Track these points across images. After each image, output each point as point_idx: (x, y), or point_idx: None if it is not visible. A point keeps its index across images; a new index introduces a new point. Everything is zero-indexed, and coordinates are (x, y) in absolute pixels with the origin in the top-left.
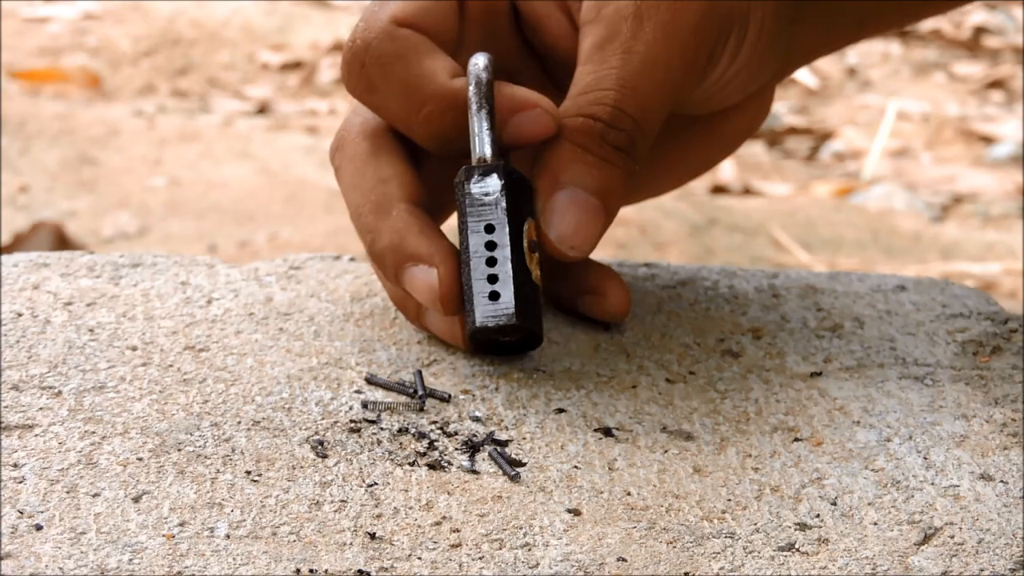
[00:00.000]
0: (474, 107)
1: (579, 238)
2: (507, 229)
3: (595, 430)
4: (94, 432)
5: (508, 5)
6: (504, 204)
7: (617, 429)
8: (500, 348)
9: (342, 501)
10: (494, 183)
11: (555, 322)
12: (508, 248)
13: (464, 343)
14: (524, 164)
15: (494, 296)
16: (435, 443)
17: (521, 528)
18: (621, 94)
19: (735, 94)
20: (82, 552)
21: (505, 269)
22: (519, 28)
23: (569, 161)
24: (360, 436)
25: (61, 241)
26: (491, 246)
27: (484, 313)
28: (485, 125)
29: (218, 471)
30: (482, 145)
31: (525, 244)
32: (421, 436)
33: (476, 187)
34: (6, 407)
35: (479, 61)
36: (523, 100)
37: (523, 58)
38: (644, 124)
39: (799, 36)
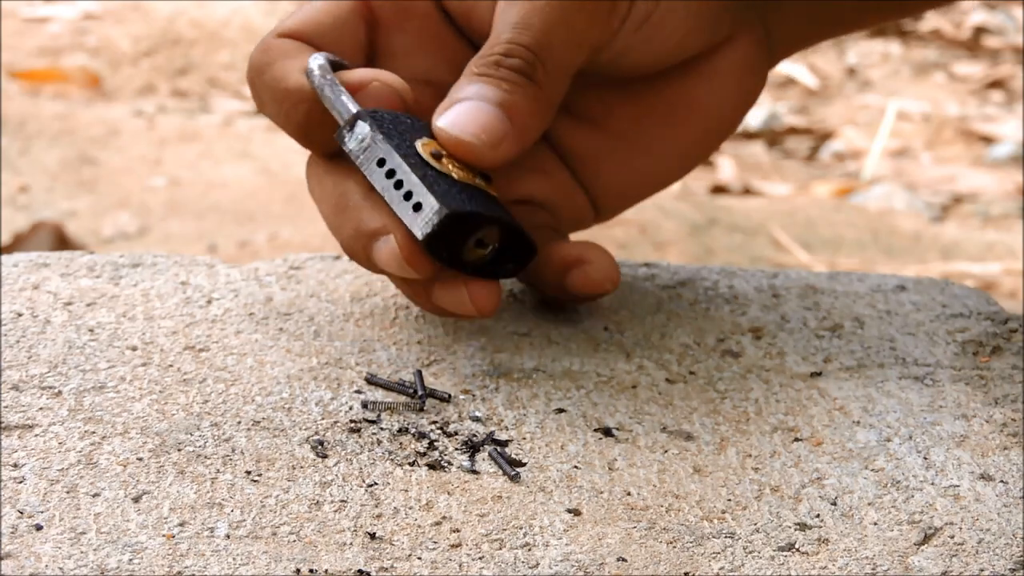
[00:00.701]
0: (319, 88)
1: (476, 128)
2: (397, 152)
3: (595, 430)
4: (94, 432)
5: (433, 6)
6: (380, 136)
7: (617, 429)
8: (496, 269)
9: (342, 501)
10: (362, 128)
11: (555, 322)
12: (405, 164)
13: (476, 307)
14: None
15: (417, 207)
16: (435, 443)
17: (521, 528)
18: (515, 31)
19: (669, 48)
20: (82, 552)
21: (411, 179)
22: (459, 29)
23: (465, 84)
24: (360, 436)
25: (61, 241)
26: (391, 174)
27: (416, 224)
28: (335, 94)
29: (218, 471)
30: (342, 109)
31: (427, 157)
32: (421, 436)
33: (351, 141)
34: (6, 407)
35: (314, 56)
36: (359, 78)
37: (468, 58)
38: (542, 54)
39: (780, 23)
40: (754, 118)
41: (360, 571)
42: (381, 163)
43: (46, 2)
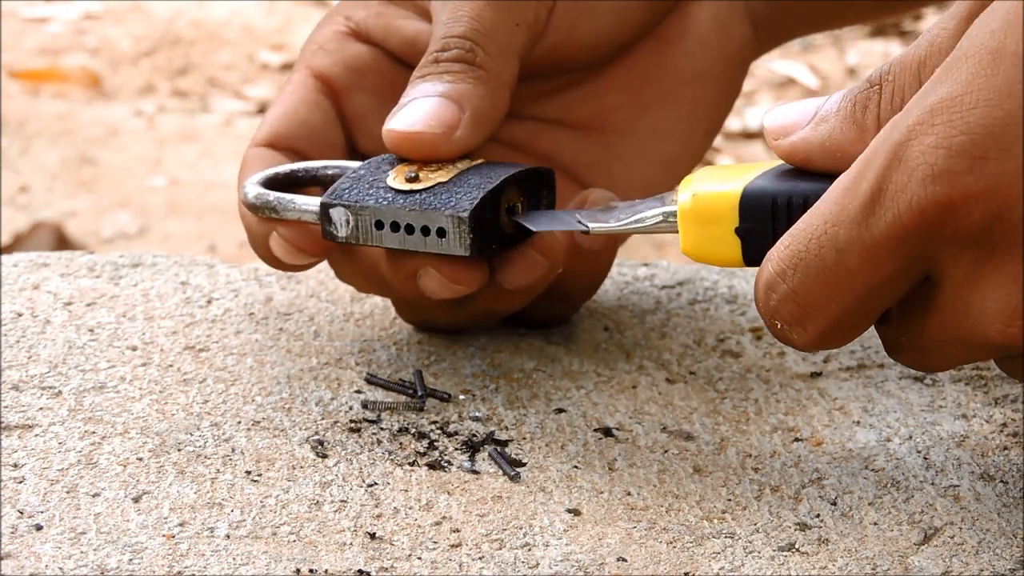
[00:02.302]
0: (265, 213)
1: (424, 118)
2: (382, 205)
3: (595, 430)
4: (94, 432)
5: (382, 55)
6: (358, 204)
7: (617, 429)
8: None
9: (342, 501)
10: (338, 213)
11: None
12: (398, 208)
13: (551, 260)
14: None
15: (441, 233)
16: (435, 443)
17: (521, 528)
18: (446, 27)
19: (615, 13)
20: (82, 552)
21: (414, 215)
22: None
23: (409, 89)
24: (360, 436)
25: (61, 241)
26: (395, 227)
27: (454, 246)
28: (283, 205)
29: (218, 471)
30: (296, 214)
31: (408, 186)
32: (421, 436)
33: (340, 231)
34: (6, 407)
35: (244, 187)
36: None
37: None
38: (479, 39)
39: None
40: (754, 118)
41: (360, 571)
42: (380, 225)
43: (46, 2)
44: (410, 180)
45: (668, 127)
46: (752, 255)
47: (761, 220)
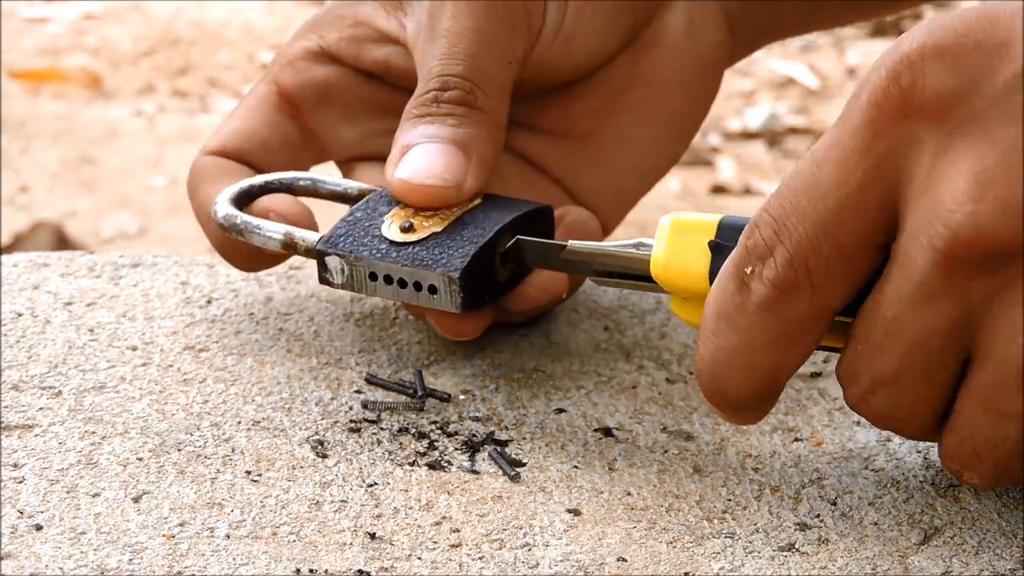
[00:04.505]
0: (232, 234)
1: (439, 169)
2: (377, 258)
3: (595, 430)
4: (94, 432)
5: (349, 71)
6: (352, 256)
7: (617, 429)
8: (495, 289)
9: (342, 501)
10: (333, 261)
11: (555, 322)
12: (392, 263)
13: (551, 295)
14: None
15: (432, 290)
16: (435, 443)
17: (521, 528)
18: (443, 64)
19: (596, 36)
20: (82, 552)
21: (407, 271)
22: (382, 80)
23: (409, 128)
24: (360, 436)
25: (61, 241)
26: (388, 280)
27: (445, 304)
28: (250, 230)
29: (218, 471)
30: (261, 241)
31: (402, 238)
32: (421, 436)
33: (336, 278)
34: (6, 407)
35: (216, 202)
36: (259, 211)
37: (403, 102)
38: (477, 79)
39: (743, 17)
40: (754, 118)
41: (360, 571)
42: (373, 276)
43: (46, 2)
44: (405, 230)
45: (636, 134)
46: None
47: (735, 238)
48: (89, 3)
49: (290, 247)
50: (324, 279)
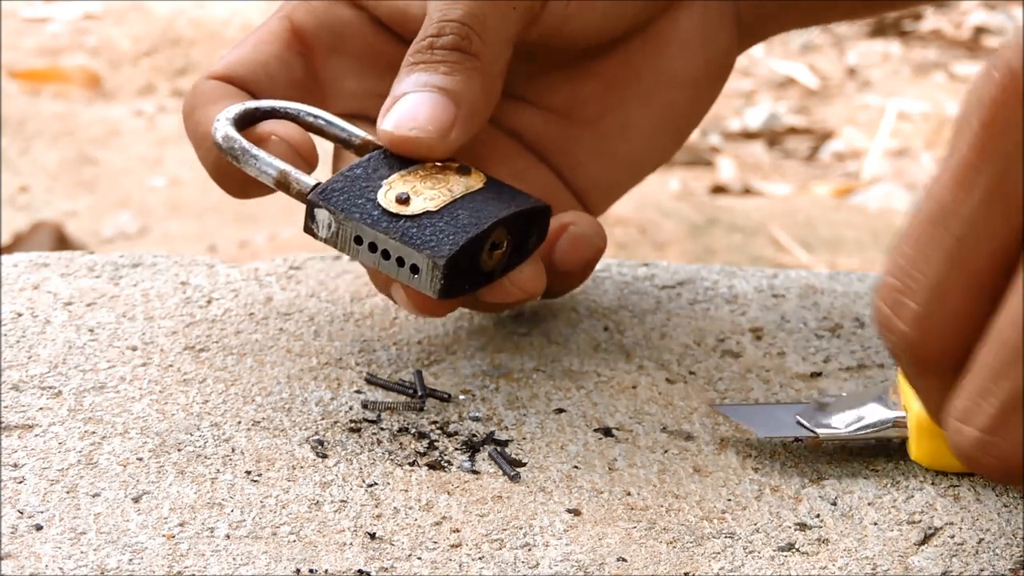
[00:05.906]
0: (229, 156)
1: (423, 120)
2: (366, 223)
3: (595, 430)
4: (94, 432)
5: (367, 19)
6: (343, 214)
7: (617, 429)
8: (522, 251)
9: (342, 501)
10: (322, 215)
11: (555, 322)
12: (380, 231)
13: (527, 293)
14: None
15: (414, 269)
16: (435, 443)
17: (521, 528)
18: (443, 10)
19: (611, 7)
20: (82, 552)
21: (393, 245)
22: (398, 36)
23: (404, 77)
24: (360, 436)
25: (61, 241)
26: (373, 247)
27: (424, 286)
28: (246, 157)
29: (218, 471)
30: (256, 171)
31: (396, 208)
32: (421, 436)
33: (320, 231)
34: (6, 407)
35: (218, 120)
36: (259, 134)
37: None
38: (475, 24)
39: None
40: (754, 118)
41: (360, 571)
42: (359, 240)
43: (46, 2)
44: (400, 202)
45: (636, 126)
46: None
47: None
48: (89, 3)
49: (283, 186)
50: (309, 229)
